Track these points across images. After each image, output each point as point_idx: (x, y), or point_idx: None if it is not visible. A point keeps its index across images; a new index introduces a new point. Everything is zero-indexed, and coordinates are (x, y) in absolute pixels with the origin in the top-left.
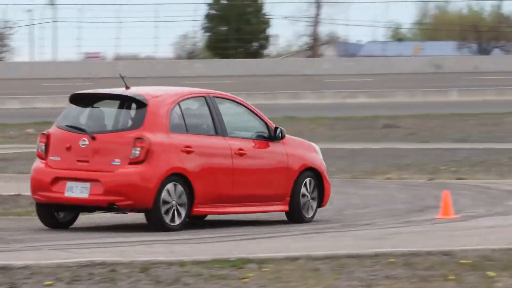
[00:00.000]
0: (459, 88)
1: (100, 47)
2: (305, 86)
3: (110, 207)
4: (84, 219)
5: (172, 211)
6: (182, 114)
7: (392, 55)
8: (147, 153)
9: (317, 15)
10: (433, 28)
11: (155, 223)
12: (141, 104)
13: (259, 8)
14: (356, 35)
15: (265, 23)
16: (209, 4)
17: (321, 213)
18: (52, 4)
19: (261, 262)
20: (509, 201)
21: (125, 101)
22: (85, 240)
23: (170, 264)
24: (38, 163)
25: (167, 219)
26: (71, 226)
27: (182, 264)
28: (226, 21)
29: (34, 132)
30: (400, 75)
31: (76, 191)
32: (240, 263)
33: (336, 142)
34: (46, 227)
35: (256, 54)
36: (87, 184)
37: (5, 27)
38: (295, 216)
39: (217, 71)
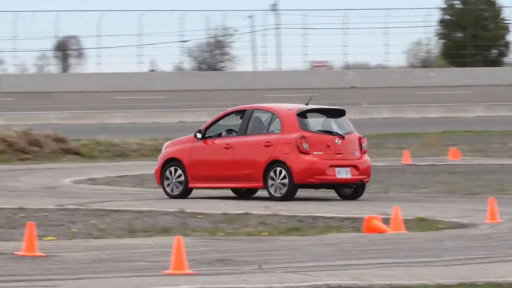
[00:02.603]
0: None
1: (327, 56)
2: None
3: (359, 183)
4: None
5: None
6: None
7: None
8: (366, 147)
9: None
10: None
11: (361, 194)
12: (344, 114)
13: (497, 12)
14: None
15: (504, 28)
16: (443, 9)
17: None
18: (275, 10)
19: None
20: None
21: (332, 112)
22: (317, 262)
23: None
24: (304, 157)
25: None
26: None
27: None
28: (461, 27)
29: None
30: None
31: (343, 173)
32: None
33: None
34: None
35: (495, 62)
36: (348, 169)
37: (225, 35)
38: None
39: (452, 80)
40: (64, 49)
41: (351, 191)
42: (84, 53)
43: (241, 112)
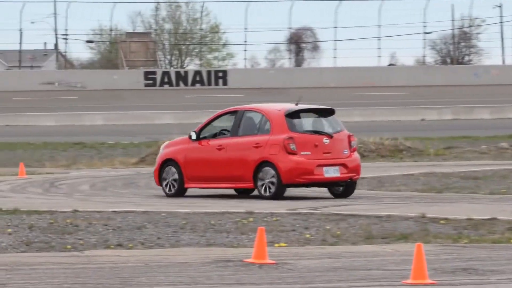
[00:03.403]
0: None
1: None
2: None
3: (348, 181)
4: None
5: None
6: None
7: None
8: (355, 145)
9: None
10: None
11: (352, 191)
12: (333, 113)
13: None
14: None
15: None
16: None
17: None
18: None
19: None
20: None
21: (322, 112)
22: None
23: None
24: (291, 157)
25: None
26: None
27: None
28: None
29: (508, 146)
30: None
31: (331, 172)
32: None
33: None
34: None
35: None
36: (337, 167)
37: (471, 26)
38: None
39: None
40: (298, 42)
41: (342, 189)
42: (319, 46)
43: (234, 113)
